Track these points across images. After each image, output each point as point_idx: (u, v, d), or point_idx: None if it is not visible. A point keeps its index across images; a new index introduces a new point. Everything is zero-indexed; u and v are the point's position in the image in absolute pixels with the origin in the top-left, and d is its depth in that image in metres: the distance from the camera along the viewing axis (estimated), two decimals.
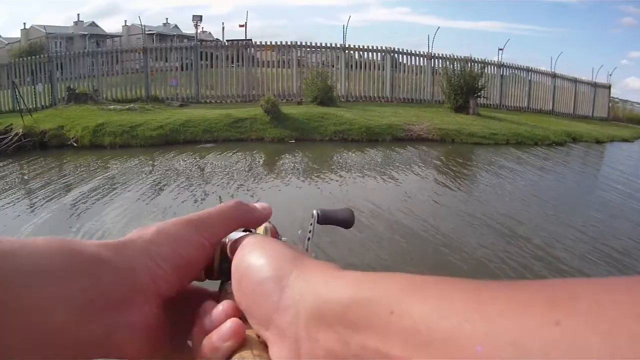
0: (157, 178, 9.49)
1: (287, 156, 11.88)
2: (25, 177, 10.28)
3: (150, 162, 11.25)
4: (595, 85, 25.59)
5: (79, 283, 0.36)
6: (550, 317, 0.22)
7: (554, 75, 24.09)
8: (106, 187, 8.76)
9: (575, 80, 24.90)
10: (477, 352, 0.23)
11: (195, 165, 10.86)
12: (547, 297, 0.24)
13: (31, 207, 7.68)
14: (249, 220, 0.49)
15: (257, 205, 0.50)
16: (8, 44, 44.38)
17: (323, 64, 20.59)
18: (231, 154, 11.89)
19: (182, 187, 8.69)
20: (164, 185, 8.82)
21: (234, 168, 10.40)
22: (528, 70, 23.58)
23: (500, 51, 23.77)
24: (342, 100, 19.31)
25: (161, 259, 0.41)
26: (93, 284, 0.37)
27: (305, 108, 16.10)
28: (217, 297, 0.44)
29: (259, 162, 11.43)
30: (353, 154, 12.14)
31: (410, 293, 0.29)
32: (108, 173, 10.06)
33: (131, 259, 0.40)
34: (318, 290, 0.33)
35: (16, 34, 47.43)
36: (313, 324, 0.32)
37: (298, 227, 0.58)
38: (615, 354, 0.20)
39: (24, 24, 46.86)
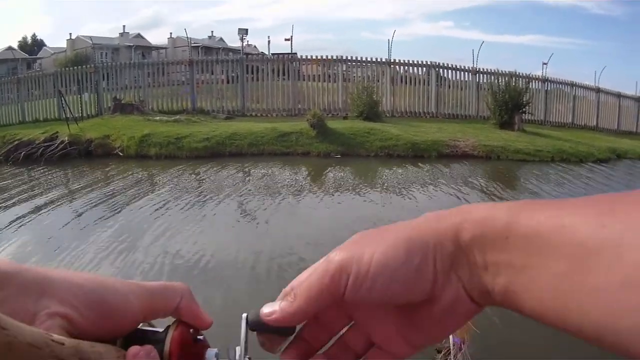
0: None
1: (332, 171, 11.63)
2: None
3: (242, 170, 11.12)
4: (639, 99, 24.79)
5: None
6: (599, 221, 0.31)
7: (597, 90, 23.26)
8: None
9: (619, 95, 24.05)
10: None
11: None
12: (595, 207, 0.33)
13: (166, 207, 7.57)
14: (189, 317, 0.47)
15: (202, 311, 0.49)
16: (54, 53, 45.42)
17: (368, 78, 20.37)
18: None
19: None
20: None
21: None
22: (572, 85, 22.82)
23: (545, 65, 23.24)
24: (388, 115, 19.00)
25: (82, 292, 0.42)
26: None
27: (351, 123, 15.86)
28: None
29: (312, 176, 11.23)
30: (400, 170, 11.82)
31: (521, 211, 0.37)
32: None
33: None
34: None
35: (62, 43, 48.53)
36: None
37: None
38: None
39: (70, 34, 47.91)
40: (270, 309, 0.44)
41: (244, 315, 0.45)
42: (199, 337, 0.47)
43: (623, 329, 0.29)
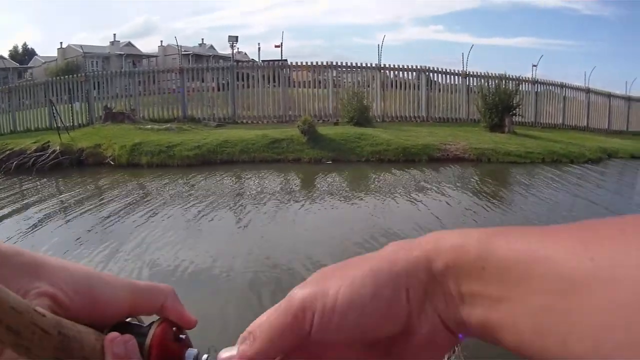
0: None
1: (323, 177, 11.69)
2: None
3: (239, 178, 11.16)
4: (629, 99, 24.95)
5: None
6: (586, 253, 0.30)
7: (587, 91, 23.50)
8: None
9: (609, 95, 24.28)
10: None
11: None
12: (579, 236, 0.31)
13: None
14: (173, 316, 0.48)
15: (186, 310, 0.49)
16: (45, 62, 45.29)
17: (359, 83, 20.47)
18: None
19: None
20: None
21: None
22: (562, 86, 23.04)
23: (534, 67, 23.46)
24: (378, 120, 19.08)
25: (72, 279, 0.45)
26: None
27: (342, 129, 15.94)
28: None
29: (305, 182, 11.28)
30: (390, 175, 11.88)
31: (495, 239, 0.35)
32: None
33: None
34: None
35: (53, 52, 48.34)
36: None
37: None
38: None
39: (61, 43, 47.76)
40: (229, 354, 0.42)
41: (204, 357, 0.45)
42: (181, 336, 0.48)
43: None
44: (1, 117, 18.98)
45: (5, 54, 48.40)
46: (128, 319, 0.48)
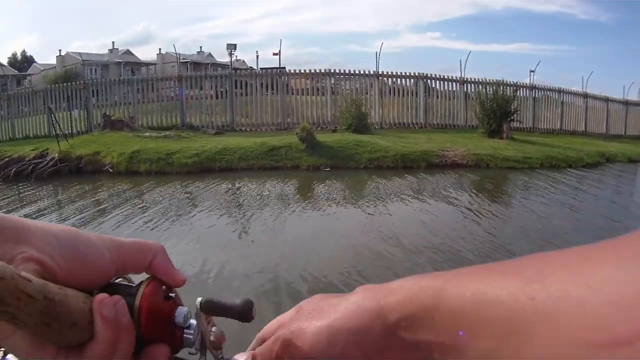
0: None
1: (322, 184, 11.70)
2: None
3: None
4: (626, 103, 25.10)
5: None
6: (528, 292, 0.30)
7: (585, 96, 23.64)
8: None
9: (606, 99, 24.41)
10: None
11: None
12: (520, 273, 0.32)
13: None
14: (162, 275, 0.48)
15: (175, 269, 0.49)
16: (44, 69, 45.31)
17: (357, 91, 20.51)
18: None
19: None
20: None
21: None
22: (560, 91, 23.18)
23: (532, 73, 23.56)
24: (376, 127, 19.10)
25: (57, 242, 0.43)
26: None
27: (340, 136, 15.96)
28: None
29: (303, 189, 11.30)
30: (388, 182, 11.90)
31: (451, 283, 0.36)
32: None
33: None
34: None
35: (51, 60, 48.44)
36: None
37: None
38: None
39: (59, 50, 47.81)
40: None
41: (198, 299, 0.49)
42: (171, 294, 0.48)
43: None
44: (0, 125, 19.02)
45: (4, 61, 48.54)
46: (118, 280, 0.48)
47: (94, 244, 0.45)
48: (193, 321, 0.47)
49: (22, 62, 56.57)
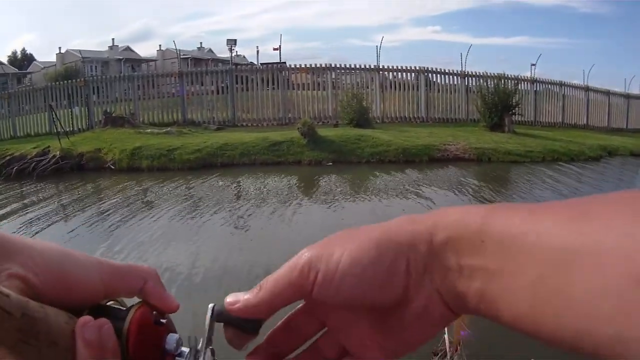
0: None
1: (324, 179, 11.70)
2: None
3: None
4: (628, 96, 24.98)
5: None
6: (577, 226, 0.31)
7: (587, 89, 23.51)
8: None
9: (608, 93, 24.31)
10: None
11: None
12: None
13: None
14: (154, 299, 0.46)
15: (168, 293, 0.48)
16: (44, 67, 45.34)
17: (358, 85, 20.48)
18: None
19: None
20: None
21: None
22: (561, 84, 23.03)
23: (533, 66, 23.44)
24: (378, 121, 19.07)
25: (43, 260, 0.43)
26: None
27: (342, 130, 15.93)
28: None
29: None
30: (389, 176, 11.88)
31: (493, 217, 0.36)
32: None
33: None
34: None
35: (52, 57, 48.50)
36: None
37: None
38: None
39: (59, 48, 47.82)
40: (234, 298, 0.44)
41: (210, 305, 0.45)
42: (162, 320, 0.46)
43: (601, 337, 0.28)
44: (1, 123, 19.06)
45: (4, 60, 48.55)
46: (110, 303, 0.47)
47: (82, 264, 0.45)
48: (185, 349, 0.45)
49: (22, 61, 56.53)
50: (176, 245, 6.67)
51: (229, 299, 0.44)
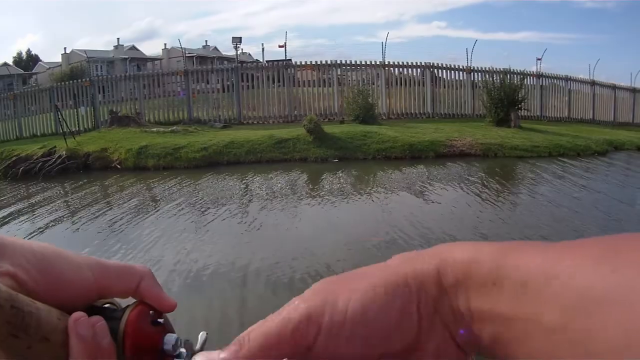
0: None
1: (331, 175, 11.65)
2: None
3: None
4: (634, 90, 24.79)
5: None
6: (604, 268, 0.28)
7: (592, 83, 23.38)
8: None
9: (614, 87, 24.15)
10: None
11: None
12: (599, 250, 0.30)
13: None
14: (150, 299, 0.45)
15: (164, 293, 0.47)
16: (49, 68, 45.44)
17: (363, 81, 20.40)
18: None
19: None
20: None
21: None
22: (567, 79, 22.93)
23: (539, 61, 23.29)
24: (384, 117, 19.03)
25: (35, 258, 0.42)
26: None
27: (348, 127, 15.89)
28: None
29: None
30: (396, 173, 11.82)
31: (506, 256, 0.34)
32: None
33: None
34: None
35: (57, 58, 48.63)
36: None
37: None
38: None
39: (65, 48, 47.98)
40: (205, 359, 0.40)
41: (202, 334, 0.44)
42: (159, 320, 0.45)
43: None
44: (7, 124, 19.11)
45: (10, 61, 48.71)
46: (106, 305, 0.45)
47: (74, 263, 0.44)
48: (183, 350, 0.42)
49: (28, 61, 56.76)
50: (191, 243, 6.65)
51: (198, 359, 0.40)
